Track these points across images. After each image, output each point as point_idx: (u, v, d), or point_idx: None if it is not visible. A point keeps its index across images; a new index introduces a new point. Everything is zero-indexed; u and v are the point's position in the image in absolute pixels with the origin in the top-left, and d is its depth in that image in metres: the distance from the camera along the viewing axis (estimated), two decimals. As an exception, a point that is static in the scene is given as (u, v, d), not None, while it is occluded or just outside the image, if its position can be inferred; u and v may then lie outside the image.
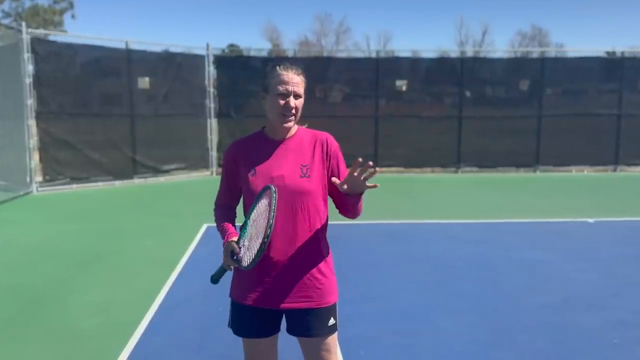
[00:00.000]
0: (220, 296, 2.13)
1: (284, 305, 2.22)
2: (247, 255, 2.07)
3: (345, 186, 2.12)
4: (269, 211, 2.01)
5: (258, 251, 2.00)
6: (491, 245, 6.77)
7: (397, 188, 12.14)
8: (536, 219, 8.36)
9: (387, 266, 5.85)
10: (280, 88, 2.17)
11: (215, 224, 2.37)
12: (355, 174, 2.08)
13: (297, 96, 2.20)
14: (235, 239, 2.15)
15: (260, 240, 2.00)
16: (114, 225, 8.08)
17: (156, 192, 11.62)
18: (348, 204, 2.23)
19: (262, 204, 2.10)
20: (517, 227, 7.88)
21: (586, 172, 14.99)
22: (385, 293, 4.96)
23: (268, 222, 1.99)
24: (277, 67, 2.21)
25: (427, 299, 4.79)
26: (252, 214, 2.13)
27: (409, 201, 10.38)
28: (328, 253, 2.33)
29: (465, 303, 4.68)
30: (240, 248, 2.10)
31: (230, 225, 2.29)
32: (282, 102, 2.17)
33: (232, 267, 2.17)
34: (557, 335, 4.00)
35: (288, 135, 2.29)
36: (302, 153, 2.26)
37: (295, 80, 2.19)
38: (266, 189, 2.11)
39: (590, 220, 8.20)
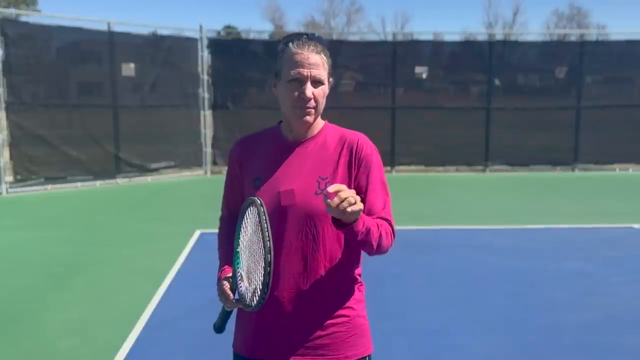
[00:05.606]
0: (214, 314, 2.09)
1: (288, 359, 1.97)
2: (249, 292, 1.80)
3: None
4: (261, 230, 1.72)
5: (263, 285, 1.71)
6: (524, 254, 6.74)
7: (416, 189, 12.12)
8: (575, 225, 8.33)
9: (405, 278, 5.84)
10: (293, 72, 1.88)
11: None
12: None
13: (316, 82, 1.90)
14: (230, 274, 1.90)
15: (262, 271, 1.72)
16: (94, 231, 8.09)
17: (142, 193, 11.65)
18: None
19: (250, 221, 1.83)
20: (553, 234, 7.86)
21: (631, 171, 14.92)
22: (404, 309, 4.95)
23: (264, 243, 1.71)
24: (290, 44, 1.91)
25: (451, 316, 4.78)
26: (241, 237, 1.86)
27: (430, 204, 10.35)
28: (354, 292, 2.03)
29: (494, 320, 4.66)
30: (238, 284, 1.84)
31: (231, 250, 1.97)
32: (295, 91, 1.89)
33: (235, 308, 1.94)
34: (600, 357, 3.98)
35: (309, 135, 2.00)
36: (323, 160, 1.97)
37: (312, 61, 1.88)
38: (250, 202, 1.82)
39: (636, 226, 8.17)
